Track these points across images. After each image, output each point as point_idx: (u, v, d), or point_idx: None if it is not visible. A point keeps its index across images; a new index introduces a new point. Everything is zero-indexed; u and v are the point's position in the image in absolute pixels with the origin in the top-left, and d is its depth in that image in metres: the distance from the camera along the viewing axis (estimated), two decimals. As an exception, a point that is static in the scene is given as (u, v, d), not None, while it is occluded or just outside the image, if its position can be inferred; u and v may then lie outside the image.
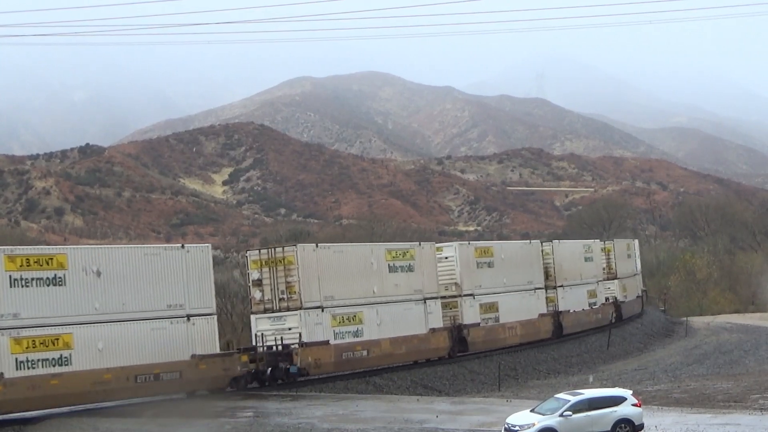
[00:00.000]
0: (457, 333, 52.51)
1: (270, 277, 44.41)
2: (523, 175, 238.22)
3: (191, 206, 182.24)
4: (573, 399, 27.75)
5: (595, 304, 68.85)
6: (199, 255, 40.51)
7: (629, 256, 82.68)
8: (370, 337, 46.42)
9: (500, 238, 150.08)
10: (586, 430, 27.24)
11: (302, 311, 43.48)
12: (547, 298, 62.02)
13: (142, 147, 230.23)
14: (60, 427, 34.01)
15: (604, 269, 74.14)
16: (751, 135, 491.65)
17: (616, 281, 75.05)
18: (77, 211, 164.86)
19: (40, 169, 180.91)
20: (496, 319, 56.06)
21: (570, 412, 27.24)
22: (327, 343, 44.24)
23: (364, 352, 46.02)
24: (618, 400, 27.92)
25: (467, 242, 57.19)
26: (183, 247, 40.62)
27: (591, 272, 69.53)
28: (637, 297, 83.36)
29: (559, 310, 63.06)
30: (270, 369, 42.68)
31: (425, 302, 50.10)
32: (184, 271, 39.51)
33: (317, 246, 45.46)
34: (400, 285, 48.47)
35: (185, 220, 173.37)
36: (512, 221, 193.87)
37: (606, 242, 78.02)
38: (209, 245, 42.99)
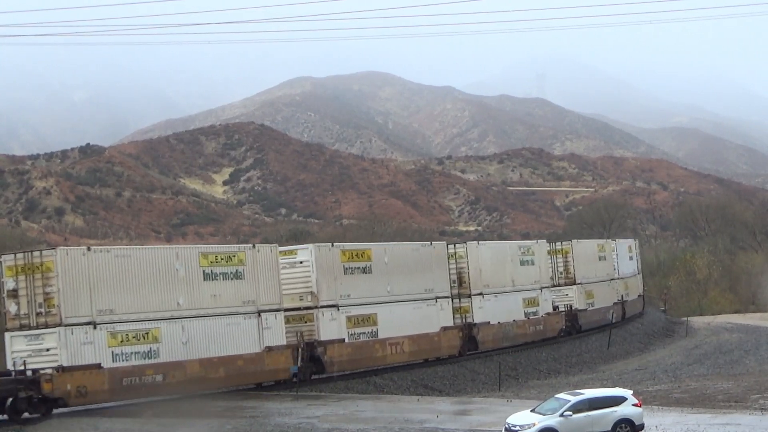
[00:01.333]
0: (309, 351, 44.34)
1: (26, 287, 36.84)
2: (524, 175, 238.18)
3: (192, 206, 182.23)
4: (573, 399, 27.77)
5: (535, 314, 60.33)
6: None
7: (602, 258, 73.34)
8: (170, 359, 38.52)
9: (501, 237, 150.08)
10: (587, 430, 27.26)
11: (62, 328, 35.66)
12: (457, 308, 53.95)
13: (143, 147, 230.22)
14: (60, 427, 33.99)
15: (561, 273, 67.38)
16: (751, 135, 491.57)
17: (575, 287, 66.89)
18: (78, 211, 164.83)
19: (40, 169, 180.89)
20: (373, 334, 47.37)
21: (570, 412, 27.25)
22: (99, 366, 36.35)
23: (159, 377, 38.03)
24: (618, 400, 27.95)
25: (330, 244, 47.69)
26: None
27: (530, 278, 60.63)
28: (614, 304, 74.41)
29: (474, 322, 54.60)
30: (11, 399, 34.79)
31: (260, 316, 42.01)
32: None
33: (89, 249, 37.96)
34: (222, 296, 40.83)
35: (186, 220, 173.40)
36: (513, 221, 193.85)
37: (562, 243, 69.74)
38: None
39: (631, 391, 28.91)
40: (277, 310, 42.67)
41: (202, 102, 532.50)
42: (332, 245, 47.41)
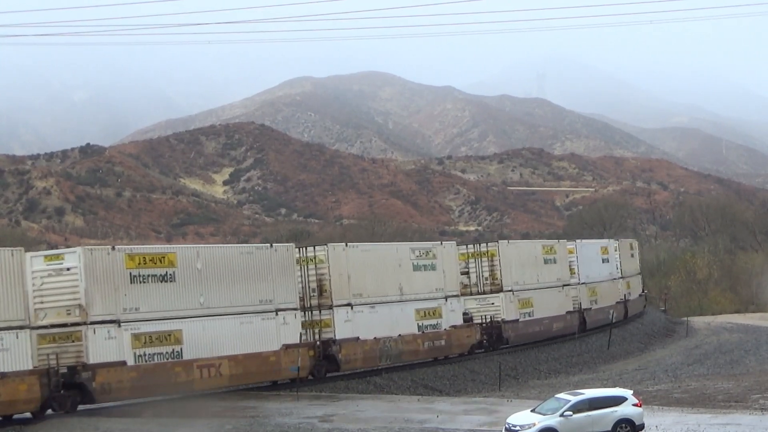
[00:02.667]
0: (71, 377, 36.21)
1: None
2: (524, 175, 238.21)
3: (192, 206, 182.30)
4: (573, 399, 27.76)
5: (435, 327, 51.34)
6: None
7: (550, 261, 64.40)
8: None
9: (501, 237, 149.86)
10: (587, 430, 27.25)
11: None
12: (315, 321, 45.92)
13: (143, 147, 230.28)
14: (60, 427, 33.99)
15: (486, 279, 58.76)
16: (751, 135, 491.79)
17: (502, 294, 58.12)
18: (78, 211, 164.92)
19: (40, 169, 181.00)
20: (174, 355, 39.19)
21: (570, 412, 27.25)
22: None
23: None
24: (618, 400, 27.94)
25: (111, 247, 39.35)
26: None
27: (429, 285, 51.43)
28: (568, 313, 65.45)
29: (335, 338, 45.55)
30: None
31: None
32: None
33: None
34: None
35: (186, 220, 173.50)
36: (513, 221, 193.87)
37: (488, 245, 60.29)
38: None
39: (632, 391, 28.90)
40: (23, 327, 34.38)
41: (202, 102, 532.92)
42: (112, 248, 38.95)
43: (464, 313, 55.04)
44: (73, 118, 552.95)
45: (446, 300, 52.47)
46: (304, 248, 47.03)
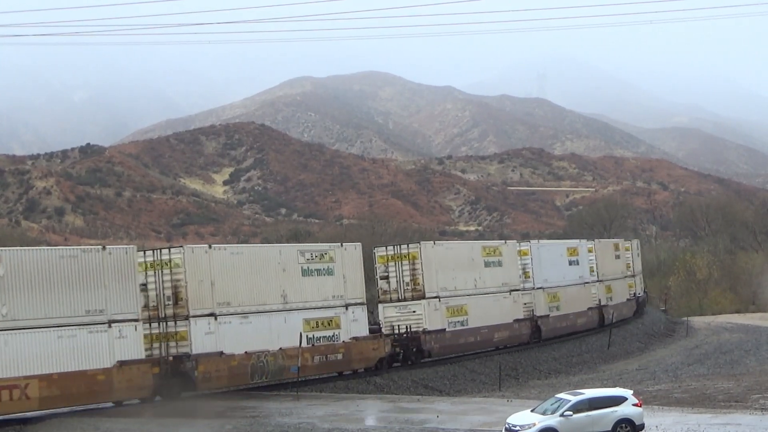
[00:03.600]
0: None
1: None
2: (524, 175, 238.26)
3: (192, 206, 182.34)
4: (573, 399, 27.76)
5: (332, 338, 45.70)
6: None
7: (494, 263, 57.72)
8: None
9: (501, 238, 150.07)
10: (587, 430, 27.25)
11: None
12: (170, 334, 40.39)
13: (143, 147, 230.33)
14: (60, 427, 34.02)
15: (407, 285, 51.94)
16: (751, 135, 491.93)
17: (424, 302, 51.52)
18: (78, 211, 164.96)
19: (40, 169, 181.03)
20: None
21: (570, 412, 27.24)
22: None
23: None
24: (619, 400, 27.93)
25: None
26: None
27: (324, 293, 45.71)
28: (516, 321, 58.91)
29: (191, 352, 39.90)
30: None
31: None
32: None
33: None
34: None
35: (186, 220, 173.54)
36: (513, 221, 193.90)
37: (409, 247, 53.05)
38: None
39: (632, 391, 28.90)
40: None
41: (202, 102, 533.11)
42: None
43: (374, 323, 51.30)
44: (73, 118, 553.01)
45: (347, 308, 46.45)
46: (158, 251, 41.35)
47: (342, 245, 47.81)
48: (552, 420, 27.18)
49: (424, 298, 51.62)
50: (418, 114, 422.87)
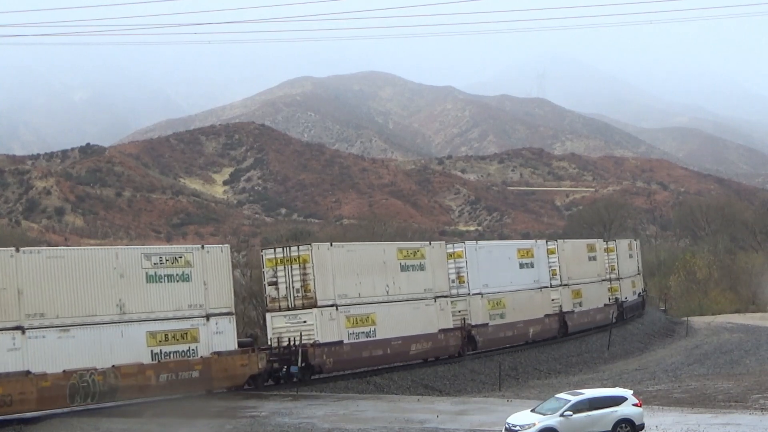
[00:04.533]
0: None
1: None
2: (524, 175, 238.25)
3: (192, 206, 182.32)
4: (573, 399, 27.77)
5: (187, 353, 40.30)
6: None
7: (414, 267, 51.52)
8: None
9: (501, 238, 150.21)
10: (587, 430, 27.26)
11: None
12: None
13: (143, 147, 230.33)
14: (60, 426, 34.03)
15: (298, 292, 46.01)
16: (751, 135, 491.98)
17: (315, 311, 45.54)
18: (78, 211, 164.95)
19: (40, 169, 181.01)
20: None
21: (570, 412, 27.26)
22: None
23: None
24: (618, 400, 27.95)
25: None
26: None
27: (178, 302, 40.22)
28: (443, 332, 52.88)
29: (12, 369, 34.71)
30: None
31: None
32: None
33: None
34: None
35: (186, 220, 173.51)
36: (513, 221, 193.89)
37: (300, 249, 46.96)
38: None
39: (632, 391, 28.91)
40: None
41: (202, 102, 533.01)
42: None
43: (247, 336, 47.11)
44: (73, 118, 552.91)
45: (208, 319, 40.99)
46: None
47: (203, 247, 41.88)
48: (552, 420, 27.19)
49: (315, 306, 45.51)
50: (418, 114, 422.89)
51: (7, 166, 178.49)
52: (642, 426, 27.85)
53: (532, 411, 28.23)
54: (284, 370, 44.66)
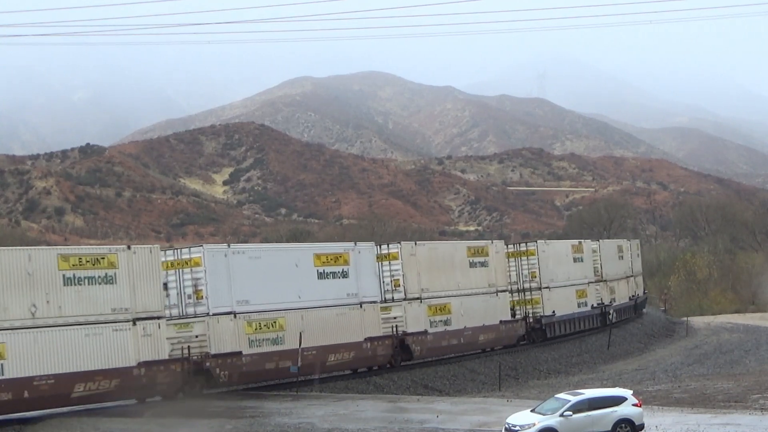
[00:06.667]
0: None
1: None
2: (524, 175, 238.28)
3: (192, 206, 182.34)
4: (573, 399, 27.76)
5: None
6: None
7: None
8: None
9: (500, 238, 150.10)
10: (587, 430, 27.24)
11: None
12: None
13: (143, 147, 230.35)
14: (60, 427, 33.99)
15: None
16: (751, 135, 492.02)
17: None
18: (78, 211, 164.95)
19: (40, 169, 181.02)
20: None
21: (570, 412, 27.24)
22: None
23: None
24: (618, 400, 27.93)
25: None
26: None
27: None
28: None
29: None
30: None
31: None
32: None
33: None
34: None
35: (186, 220, 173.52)
36: (513, 221, 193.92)
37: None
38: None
39: (631, 391, 28.89)
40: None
41: (202, 102, 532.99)
42: None
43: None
44: (73, 118, 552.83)
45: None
46: None
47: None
48: (552, 420, 27.18)
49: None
50: (418, 114, 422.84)
51: (7, 166, 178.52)
52: (642, 426, 27.83)
53: (532, 411, 28.21)
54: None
